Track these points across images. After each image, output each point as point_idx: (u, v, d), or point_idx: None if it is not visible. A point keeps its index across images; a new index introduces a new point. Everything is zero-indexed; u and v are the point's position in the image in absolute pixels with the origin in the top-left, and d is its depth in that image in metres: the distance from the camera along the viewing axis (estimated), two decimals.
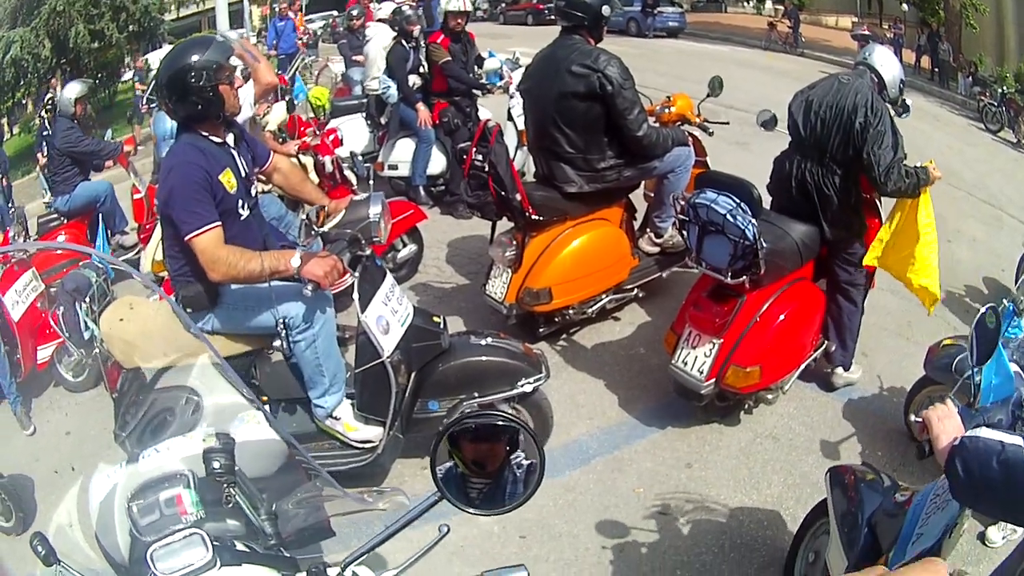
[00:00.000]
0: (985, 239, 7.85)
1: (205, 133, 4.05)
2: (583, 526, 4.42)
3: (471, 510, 2.01)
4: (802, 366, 5.10)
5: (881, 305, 6.22)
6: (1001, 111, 13.60)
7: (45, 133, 11.26)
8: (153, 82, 8.60)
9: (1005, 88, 14.08)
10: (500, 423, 2.01)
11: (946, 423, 2.34)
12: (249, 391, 2.42)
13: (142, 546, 1.92)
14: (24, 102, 16.00)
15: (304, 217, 4.28)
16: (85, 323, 5.97)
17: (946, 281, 6.39)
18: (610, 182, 5.69)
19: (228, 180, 4.02)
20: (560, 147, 5.59)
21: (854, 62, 5.11)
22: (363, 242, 4.22)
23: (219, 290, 4.10)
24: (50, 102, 12.37)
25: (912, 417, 3.98)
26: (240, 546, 2.00)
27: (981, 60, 15.58)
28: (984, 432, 2.18)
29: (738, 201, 4.49)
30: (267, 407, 2.74)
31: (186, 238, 3.83)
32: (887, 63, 4.94)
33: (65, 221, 8.39)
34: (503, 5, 28.72)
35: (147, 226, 7.86)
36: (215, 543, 1.84)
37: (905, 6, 17.09)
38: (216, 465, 2.08)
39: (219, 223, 3.86)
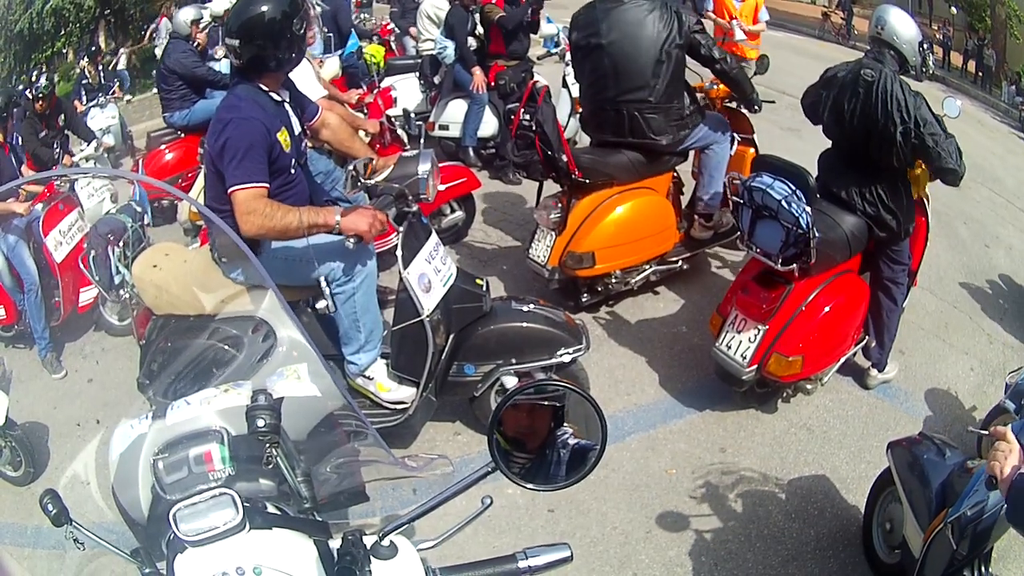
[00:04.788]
0: (1022, 248, 7.64)
1: (265, 88, 3.90)
2: (612, 504, 4.32)
3: (529, 485, 1.84)
4: (843, 359, 4.96)
5: (921, 304, 6.08)
6: None
7: (84, 82, 11.16)
8: (220, 28, 8.49)
9: None
10: (556, 392, 1.86)
11: (1008, 459, 2.33)
12: (307, 335, 2.25)
13: (165, 504, 1.76)
14: (65, 51, 15.84)
15: (351, 168, 4.13)
16: (116, 267, 5.86)
17: (982, 286, 6.48)
18: (690, 127, 5.65)
19: (284, 139, 3.89)
20: (659, 99, 5.50)
21: (868, 36, 4.75)
22: (410, 198, 4.08)
23: (260, 241, 3.92)
24: (92, 50, 12.23)
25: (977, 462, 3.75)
26: (271, 508, 1.85)
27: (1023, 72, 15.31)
28: None
29: (794, 188, 4.33)
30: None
31: (229, 190, 3.68)
32: (902, 31, 4.57)
33: (182, 136, 8.39)
34: None
35: (189, 174, 7.83)
36: (245, 504, 1.68)
37: (954, 9, 16.82)
38: (261, 424, 1.94)
39: (267, 184, 3.72)
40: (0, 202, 5.97)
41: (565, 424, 1.88)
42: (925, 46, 4.71)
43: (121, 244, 5.94)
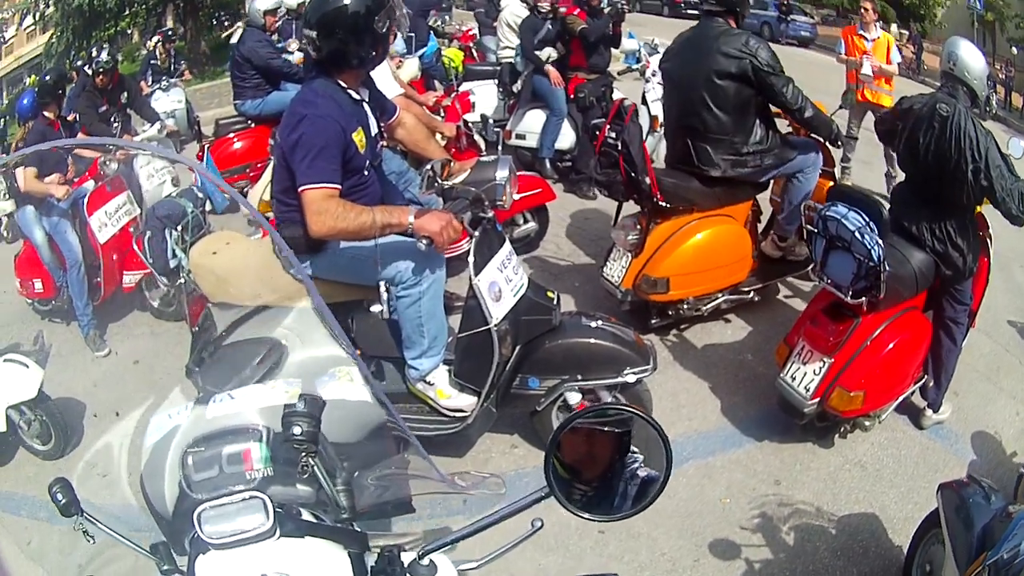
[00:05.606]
0: None
1: (343, 84, 3.79)
2: (663, 530, 4.22)
3: (586, 515, 1.73)
4: (902, 397, 4.84)
5: (976, 346, 5.88)
6: None
7: (153, 62, 11.12)
8: (295, 22, 8.40)
9: None
10: (620, 416, 1.75)
11: None
12: (348, 344, 2.12)
13: (191, 502, 1.68)
14: (130, 32, 15.84)
15: (428, 168, 4.02)
16: (173, 251, 5.84)
17: None
18: (751, 168, 5.45)
19: (360, 139, 3.78)
20: (708, 129, 5.35)
21: (940, 71, 4.68)
22: (486, 203, 3.97)
23: (326, 240, 3.87)
24: (168, 32, 12.18)
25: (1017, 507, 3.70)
26: (307, 515, 1.75)
27: None
28: None
29: (868, 219, 4.22)
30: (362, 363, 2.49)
31: (300, 188, 3.63)
32: (973, 66, 4.47)
33: (252, 125, 8.35)
34: None
35: (258, 164, 7.75)
36: (278, 509, 1.59)
37: (1015, 49, 16.63)
38: (297, 431, 1.82)
39: (339, 185, 3.67)
40: (41, 182, 5.99)
41: (632, 450, 1.78)
42: (989, 83, 4.63)
43: (179, 228, 5.93)
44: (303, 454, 1.84)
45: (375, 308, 3.95)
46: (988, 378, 5.70)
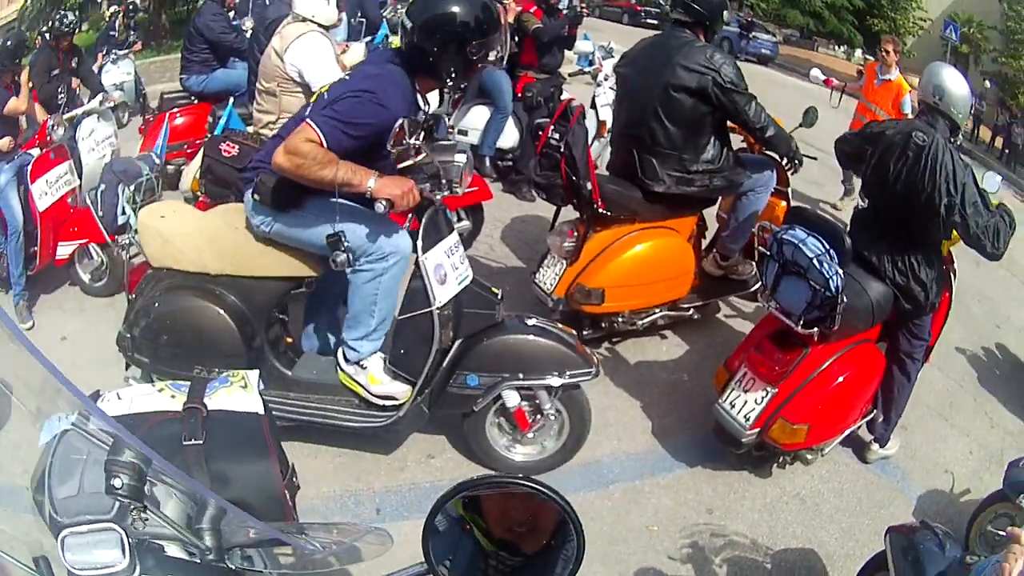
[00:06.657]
0: None
1: (418, 87, 3.85)
2: (586, 556, 3.94)
3: None
4: (847, 432, 4.65)
5: (929, 381, 5.72)
6: None
7: (112, 33, 11.07)
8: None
9: None
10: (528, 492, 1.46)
11: (1019, 561, 2.16)
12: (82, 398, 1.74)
13: (56, 524, 1.51)
14: (99, 1, 15.79)
15: (400, 122, 3.64)
16: (123, 207, 5.72)
17: (989, 368, 6.28)
18: (697, 187, 5.25)
19: None
20: (656, 141, 5.15)
21: (920, 101, 4.45)
22: (443, 182, 3.86)
23: (300, 199, 3.75)
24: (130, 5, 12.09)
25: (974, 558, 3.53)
26: (173, 550, 1.56)
27: None
28: None
29: (828, 247, 4.01)
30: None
31: (304, 119, 3.54)
32: (958, 96, 4.27)
33: (195, 101, 8.18)
34: None
35: (197, 141, 7.50)
36: (140, 542, 1.45)
37: (988, 83, 16.70)
38: (118, 484, 1.52)
39: (336, 161, 3.51)
40: None
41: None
42: (971, 109, 4.48)
43: (132, 188, 5.80)
44: (131, 508, 1.56)
45: (340, 258, 3.70)
46: (940, 414, 5.60)
